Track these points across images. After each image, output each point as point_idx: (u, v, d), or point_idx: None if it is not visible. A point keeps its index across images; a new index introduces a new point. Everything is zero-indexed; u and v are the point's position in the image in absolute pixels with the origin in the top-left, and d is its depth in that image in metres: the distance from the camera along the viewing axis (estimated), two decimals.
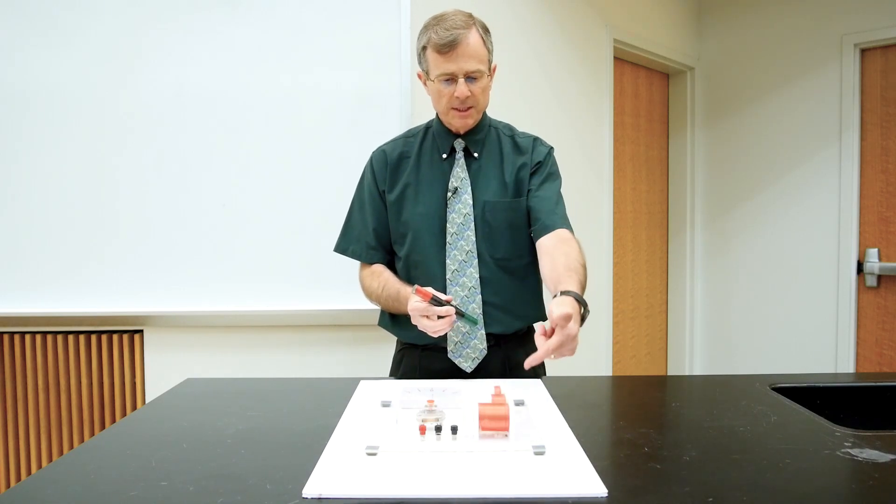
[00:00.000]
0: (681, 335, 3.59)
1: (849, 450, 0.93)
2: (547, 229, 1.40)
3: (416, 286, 1.26)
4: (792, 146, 3.18)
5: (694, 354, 3.58)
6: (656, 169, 3.51)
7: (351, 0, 2.07)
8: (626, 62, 3.21)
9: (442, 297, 1.25)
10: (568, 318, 1.08)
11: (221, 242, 2.07)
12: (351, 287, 2.08)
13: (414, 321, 1.29)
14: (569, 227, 1.43)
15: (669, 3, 3.34)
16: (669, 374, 3.60)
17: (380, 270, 1.51)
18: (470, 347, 1.42)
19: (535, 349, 1.54)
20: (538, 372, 1.54)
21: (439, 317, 1.25)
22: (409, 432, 0.99)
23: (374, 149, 1.56)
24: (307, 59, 2.07)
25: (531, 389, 1.24)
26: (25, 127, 2.03)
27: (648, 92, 3.42)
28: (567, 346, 1.09)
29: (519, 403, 1.13)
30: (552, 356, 1.09)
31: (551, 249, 1.35)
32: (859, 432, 1.00)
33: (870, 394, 1.32)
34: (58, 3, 2.01)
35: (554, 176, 1.52)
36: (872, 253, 2.97)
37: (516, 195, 1.47)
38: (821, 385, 1.31)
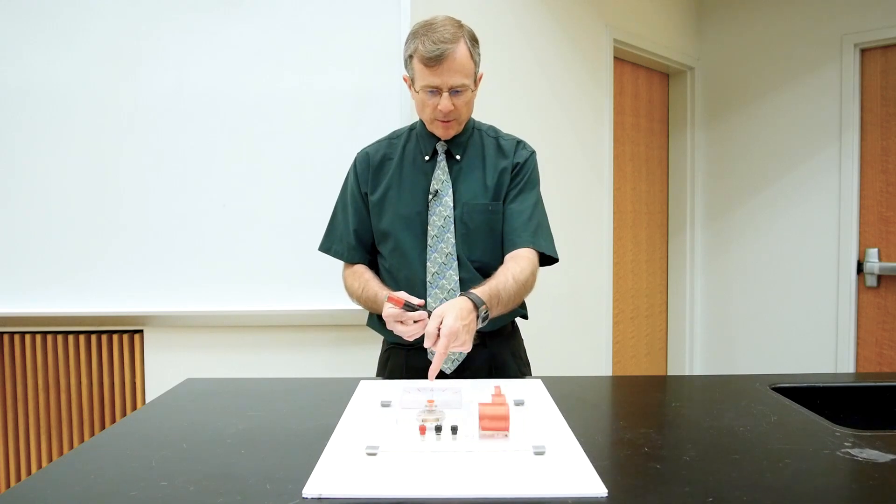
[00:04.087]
0: (681, 335, 3.59)
1: (849, 450, 0.93)
2: (513, 246, 1.44)
3: (389, 294, 1.27)
4: (792, 146, 3.18)
5: (694, 354, 3.58)
6: (656, 169, 3.51)
7: (351, 0, 2.07)
8: (626, 62, 3.21)
9: (414, 302, 1.26)
10: (439, 315, 1.17)
11: (221, 242, 2.07)
12: None
13: (389, 327, 1.30)
14: (540, 240, 1.45)
15: (669, 3, 3.34)
16: (669, 374, 3.60)
17: (361, 271, 1.52)
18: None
19: (519, 348, 1.55)
20: (524, 371, 1.55)
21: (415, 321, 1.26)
22: (409, 432, 0.99)
23: (359, 150, 1.57)
24: (307, 59, 2.07)
25: (531, 389, 1.24)
26: (25, 127, 2.03)
27: (648, 92, 3.42)
28: (451, 341, 1.15)
29: (519, 403, 1.13)
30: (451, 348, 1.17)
31: (501, 267, 1.41)
32: (859, 432, 1.00)
33: (870, 394, 1.32)
34: (58, 2, 2.01)
35: (532, 184, 1.51)
36: (872, 253, 2.97)
37: (496, 198, 1.47)
38: (821, 385, 1.31)
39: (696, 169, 3.52)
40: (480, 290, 1.28)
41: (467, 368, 1.44)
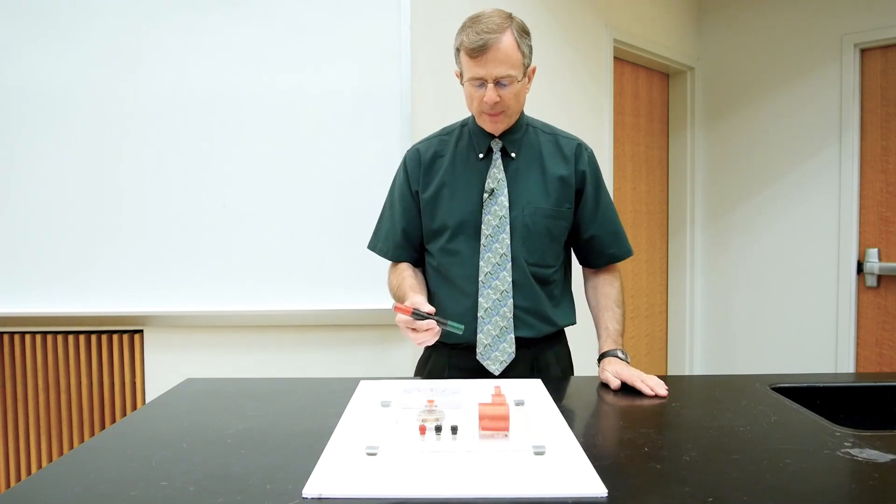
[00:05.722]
0: (681, 335, 3.59)
1: (849, 450, 0.93)
2: (610, 259, 1.56)
3: (395, 304, 1.27)
4: (792, 146, 3.18)
5: (694, 354, 3.58)
6: (656, 169, 3.51)
7: (351, 0, 2.07)
8: (626, 62, 3.21)
9: (424, 310, 1.25)
10: (628, 379, 1.29)
11: (222, 242, 2.07)
12: (351, 287, 2.09)
13: (402, 332, 1.30)
14: (625, 248, 1.58)
15: (669, 3, 3.34)
16: (669, 374, 3.60)
17: (402, 269, 1.51)
18: (499, 350, 1.42)
19: (563, 350, 1.58)
20: (566, 373, 1.55)
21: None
22: (409, 432, 0.99)
23: (409, 147, 1.55)
24: (307, 59, 2.07)
25: (531, 389, 1.24)
26: (25, 127, 2.03)
27: (648, 92, 3.42)
28: (649, 382, 1.26)
29: (519, 403, 1.13)
30: (658, 392, 1.26)
31: (598, 290, 1.56)
32: (859, 432, 1.00)
33: (870, 394, 1.32)
34: (58, 2, 2.01)
35: (602, 188, 1.55)
36: (872, 253, 2.97)
37: (558, 203, 1.45)
38: (821, 385, 1.31)
39: (696, 169, 3.52)
40: (613, 341, 1.44)
41: (513, 369, 1.43)
